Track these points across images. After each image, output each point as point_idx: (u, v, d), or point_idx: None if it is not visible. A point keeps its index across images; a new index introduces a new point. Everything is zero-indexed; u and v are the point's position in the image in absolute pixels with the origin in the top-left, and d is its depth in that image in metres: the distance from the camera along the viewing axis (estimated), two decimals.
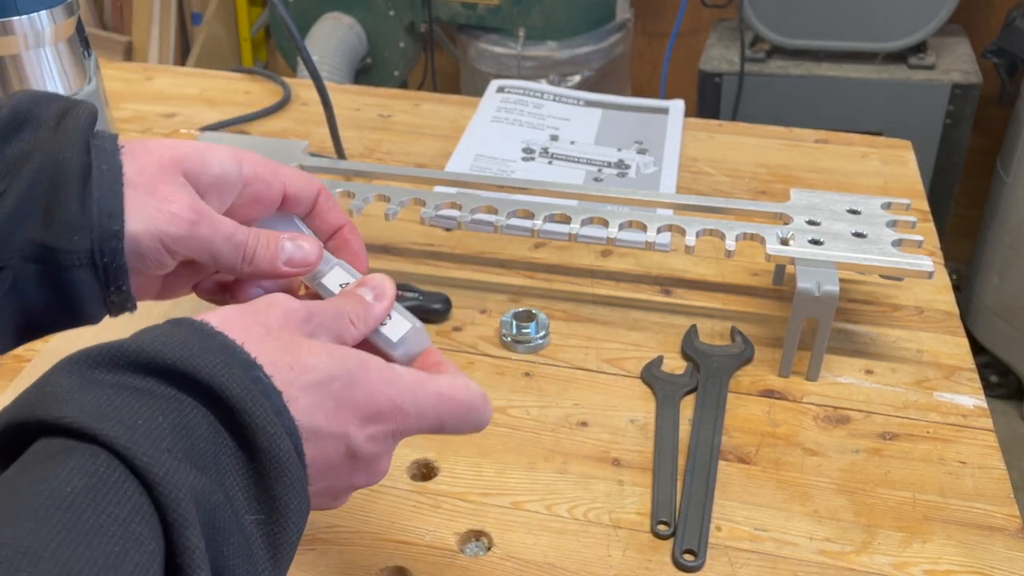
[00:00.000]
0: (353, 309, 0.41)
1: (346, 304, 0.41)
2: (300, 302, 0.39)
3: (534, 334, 0.68)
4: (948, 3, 1.65)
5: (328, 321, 0.39)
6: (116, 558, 0.27)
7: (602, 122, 1.00)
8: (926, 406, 0.64)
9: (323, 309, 0.40)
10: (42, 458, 0.29)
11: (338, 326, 0.40)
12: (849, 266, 0.64)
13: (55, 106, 0.41)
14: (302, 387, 0.35)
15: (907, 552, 0.53)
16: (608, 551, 0.53)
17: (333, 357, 0.37)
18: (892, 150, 0.97)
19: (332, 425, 0.36)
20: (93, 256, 0.40)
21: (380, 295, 0.43)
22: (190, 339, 0.33)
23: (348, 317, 0.41)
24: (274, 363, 0.35)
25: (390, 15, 2.03)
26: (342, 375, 0.37)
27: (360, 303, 0.42)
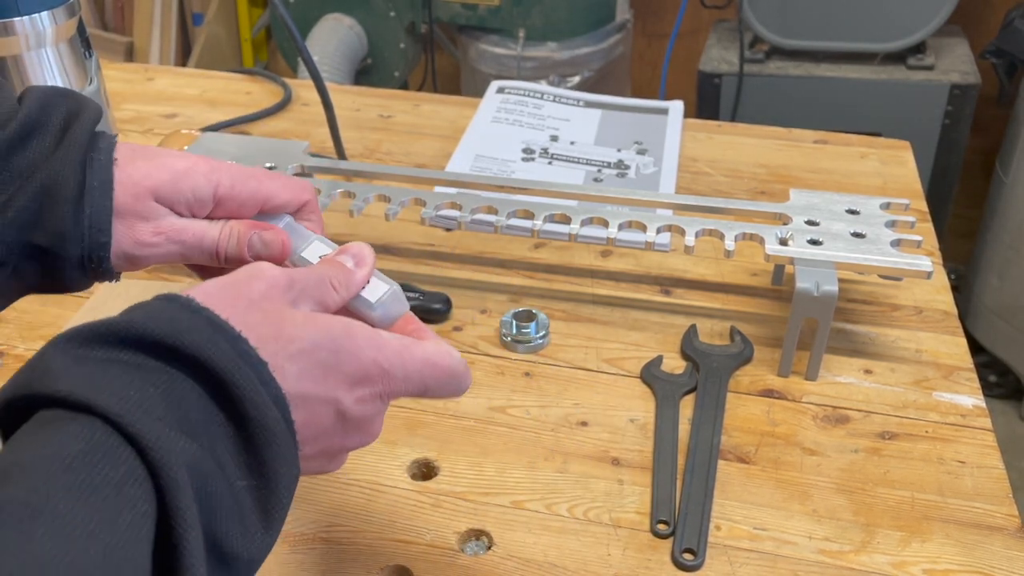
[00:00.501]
0: (335, 275, 0.42)
1: (328, 270, 0.42)
2: (282, 270, 0.40)
3: (534, 334, 0.68)
4: (947, 4, 1.65)
5: (311, 288, 0.40)
6: (110, 516, 0.28)
7: (602, 122, 1.00)
8: (925, 406, 0.64)
9: (305, 276, 0.41)
10: (41, 426, 0.31)
11: (320, 292, 0.41)
12: (848, 266, 0.64)
13: (62, 110, 0.45)
14: (288, 356, 0.36)
15: (906, 551, 0.54)
16: (608, 550, 0.54)
17: (318, 325, 0.38)
18: (891, 150, 0.97)
19: (320, 390, 0.37)
20: (83, 260, 0.45)
21: (360, 261, 0.44)
22: (177, 315, 0.35)
23: (330, 283, 0.42)
24: (259, 336, 0.36)
25: (390, 16, 2.03)
26: (327, 342, 0.38)
27: (341, 269, 0.43)
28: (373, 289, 0.45)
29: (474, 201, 0.72)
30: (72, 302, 0.73)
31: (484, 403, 0.64)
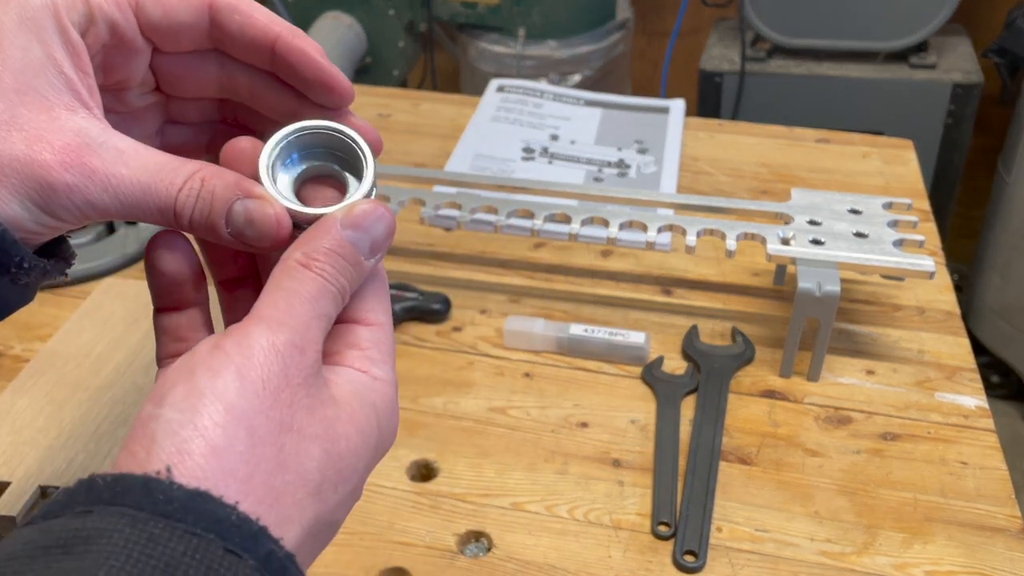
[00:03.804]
0: (343, 288, 0.31)
1: (336, 293, 0.31)
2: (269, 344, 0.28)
3: None
4: (949, 3, 1.65)
5: (315, 336, 0.30)
6: None
7: (602, 122, 1.00)
8: (927, 406, 0.64)
9: (317, 324, 0.29)
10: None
11: (319, 336, 0.30)
12: (850, 266, 0.64)
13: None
14: (344, 505, 0.30)
15: (908, 553, 0.53)
16: (608, 552, 0.53)
17: (363, 435, 0.30)
18: (893, 150, 0.96)
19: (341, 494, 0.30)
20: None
21: (376, 247, 0.32)
22: (170, 545, 0.23)
23: (337, 309, 0.31)
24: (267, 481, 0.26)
25: (390, 14, 2.02)
26: (372, 453, 0.31)
27: (353, 270, 0.31)
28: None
29: (474, 201, 0.72)
30: (69, 303, 0.72)
31: (484, 404, 0.64)
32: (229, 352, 0.27)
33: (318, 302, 0.30)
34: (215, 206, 0.31)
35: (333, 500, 0.29)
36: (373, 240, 0.32)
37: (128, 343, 0.61)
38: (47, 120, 0.29)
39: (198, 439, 0.25)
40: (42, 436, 0.53)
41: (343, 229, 0.31)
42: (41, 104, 0.30)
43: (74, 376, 0.58)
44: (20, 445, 0.52)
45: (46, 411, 0.55)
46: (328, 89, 0.34)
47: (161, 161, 0.31)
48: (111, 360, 0.60)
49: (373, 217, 0.32)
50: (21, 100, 0.29)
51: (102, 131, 0.30)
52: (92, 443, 0.52)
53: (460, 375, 0.66)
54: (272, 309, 0.29)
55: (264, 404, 0.27)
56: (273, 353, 0.28)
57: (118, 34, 0.32)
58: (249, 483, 0.26)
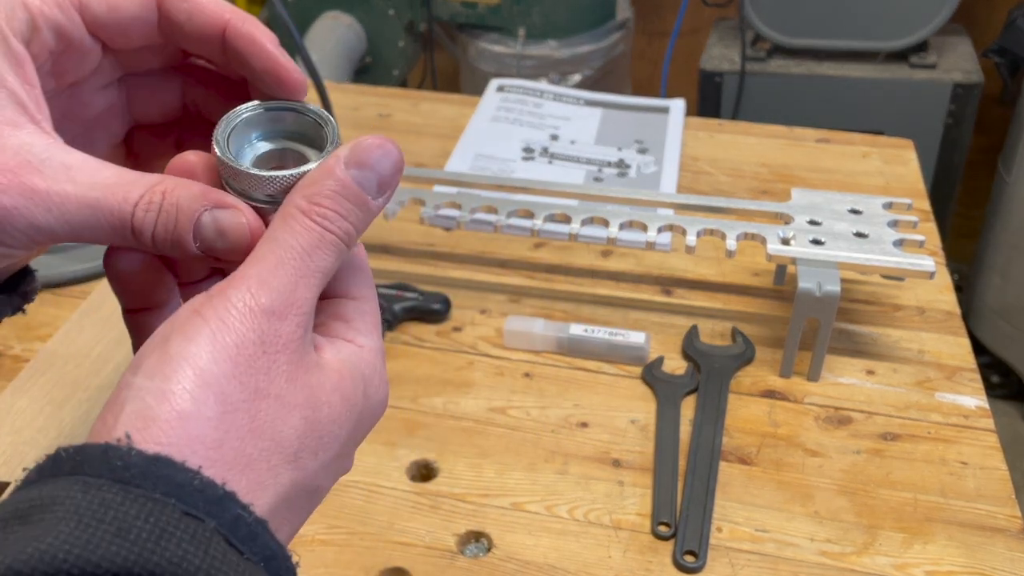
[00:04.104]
0: (348, 232, 0.29)
1: (339, 242, 0.29)
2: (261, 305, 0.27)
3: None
4: (949, 2, 1.65)
5: (305, 298, 0.28)
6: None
7: (602, 121, 1.00)
8: (927, 407, 0.63)
9: (312, 281, 0.28)
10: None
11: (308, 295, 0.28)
12: (850, 266, 0.64)
13: None
14: (325, 471, 0.29)
15: (908, 553, 0.53)
16: (608, 552, 0.53)
17: (348, 403, 0.29)
18: (893, 149, 0.96)
19: (322, 463, 0.29)
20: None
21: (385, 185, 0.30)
22: (126, 510, 0.23)
23: (340, 258, 0.29)
24: (239, 447, 0.25)
25: (389, 14, 2.02)
26: (357, 422, 0.30)
27: (360, 212, 0.29)
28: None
29: (474, 200, 0.71)
30: (69, 303, 0.72)
31: (484, 404, 0.64)
32: (206, 316, 0.26)
33: (312, 256, 0.28)
34: (180, 220, 0.29)
35: (312, 466, 0.28)
36: (380, 177, 0.29)
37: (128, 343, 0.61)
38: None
39: (164, 405, 0.24)
40: (42, 436, 0.53)
41: (347, 168, 0.29)
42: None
43: (74, 376, 0.58)
44: (20, 445, 0.52)
45: (46, 411, 0.55)
46: (277, 79, 0.32)
47: (115, 175, 0.29)
48: (111, 360, 0.60)
49: (379, 152, 0.29)
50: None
51: (47, 146, 0.28)
52: None
53: (460, 375, 0.66)
54: (257, 265, 0.27)
55: (238, 370, 0.26)
56: (251, 317, 0.26)
57: (65, 37, 0.31)
58: (218, 449, 0.25)
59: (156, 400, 0.25)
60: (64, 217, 0.28)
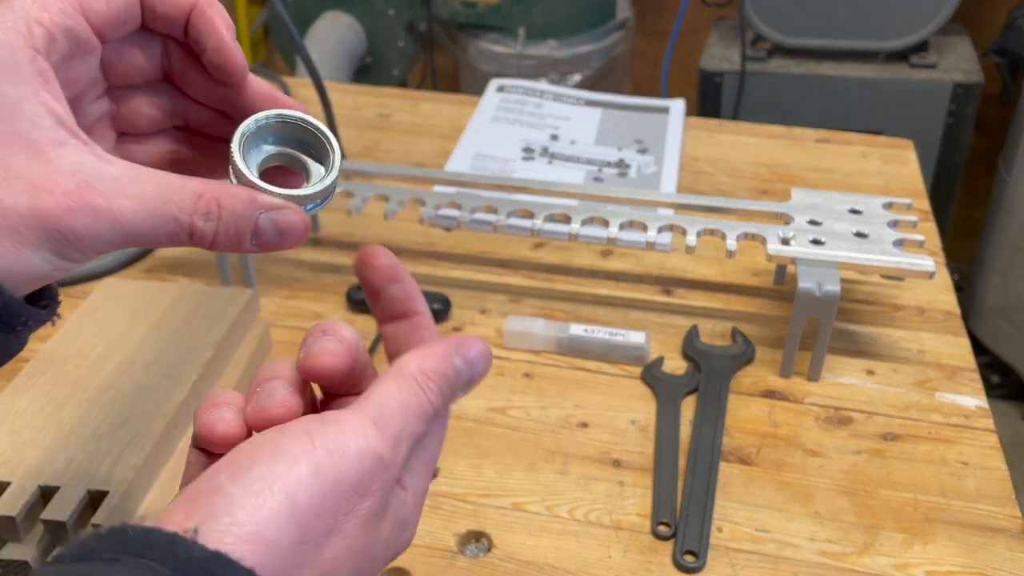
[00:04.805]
0: (438, 408, 0.32)
1: (432, 412, 0.32)
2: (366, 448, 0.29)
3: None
4: (949, 2, 1.65)
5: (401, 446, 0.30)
6: None
7: (602, 121, 1.00)
8: (928, 407, 0.63)
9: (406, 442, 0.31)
10: None
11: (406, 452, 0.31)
12: (850, 266, 0.64)
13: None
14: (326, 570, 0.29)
15: (909, 553, 0.53)
16: (609, 552, 0.53)
17: (389, 550, 0.31)
18: (893, 149, 0.96)
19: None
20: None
21: (474, 380, 0.34)
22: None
23: (419, 432, 0.32)
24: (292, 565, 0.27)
25: (389, 14, 2.02)
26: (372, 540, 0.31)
27: (452, 393, 0.33)
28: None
29: (474, 200, 0.71)
30: (67, 303, 0.72)
31: (484, 404, 0.64)
32: (316, 444, 0.28)
33: (418, 420, 0.31)
34: (240, 226, 0.32)
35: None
36: (472, 376, 0.33)
37: (128, 343, 0.61)
38: (40, 164, 0.29)
39: (247, 525, 0.26)
40: (42, 436, 0.53)
41: (456, 358, 0.33)
42: (30, 149, 0.29)
43: (74, 376, 0.58)
44: (20, 445, 0.52)
45: (46, 411, 0.55)
46: (223, 61, 0.34)
47: (161, 182, 0.31)
48: (111, 360, 0.60)
49: (483, 356, 0.33)
50: (10, 151, 0.29)
51: (94, 161, 0.30)
52: (92, 443, 0.52)
53: None
54: (378, 410, 0.30)
55: (326, 505, 0.28)
56: (359, 459, 0.28)
57: (75, 40, 0.32)
58: (278, 567, 0.26)
59: (245, 515, 0.26)
60: (125, 229, 0.30)
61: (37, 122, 0.30)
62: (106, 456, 0.52)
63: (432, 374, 0.32)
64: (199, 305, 0.64)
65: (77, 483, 0.49)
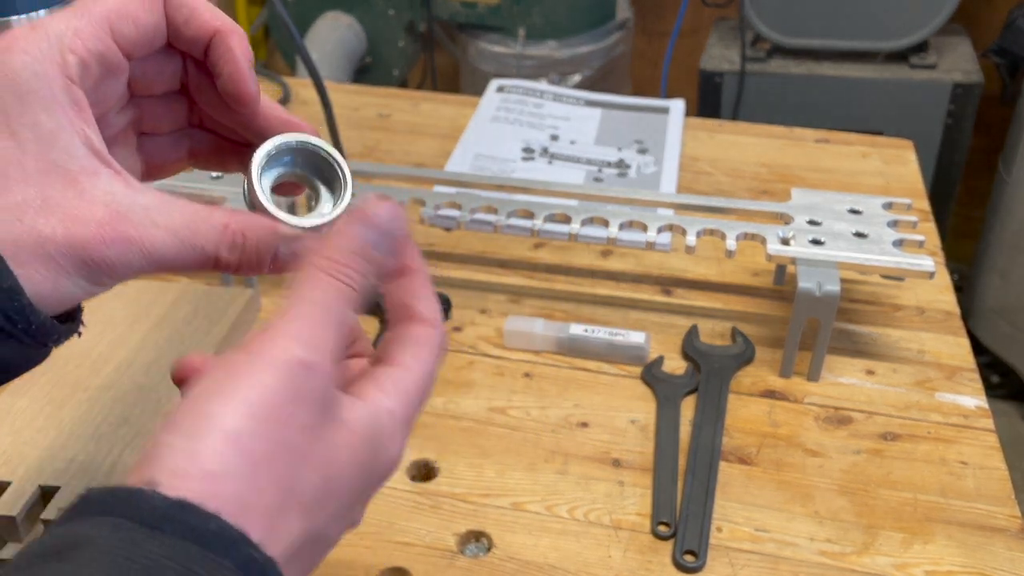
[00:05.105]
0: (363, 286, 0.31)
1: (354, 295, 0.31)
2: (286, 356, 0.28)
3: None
4: (949, 3, 1.65)
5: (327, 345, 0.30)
6: None
7: (602, 122, 1.00)
8: (927, 406, 0.64)
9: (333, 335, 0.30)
10: None
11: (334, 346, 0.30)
12: (850, 266, 0.64)
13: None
14: (336, 523, 0.31)
15: (908, 553, 0.53)
16: (608, 552, 0.53)
17: (360, 464, 0.31)
18: (893, 150, 0.96)
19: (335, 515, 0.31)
20: (2, 327, 0.30)
21: (392, 246, 0.33)
22: (149, 547, 0.24)
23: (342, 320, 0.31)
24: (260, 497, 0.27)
25: (389, 14, 2.02)
26: (368, 479, 0.31)
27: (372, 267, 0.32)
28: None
29: (474, 201, 0.72)
30: None
31: (484, 404, 0.64)
32: (240, 374, 0.28)
33: (334, 309, 0.30)
34: (262, 256, 0.34)
35: (322, 518, 0.30)
36: (385, 234, 0.32)
37: (128, 343, 0.61)
38: (76, 195, 0.31)
39: (193, 465, 0.26)
40: (42, 436, 0.53)
41: (362, 228, 0.32)
42: (65, 179, 0.31)
43: (74, 376, 0.58)
44: (20, 445, 0.52)
45: (46, 411, 0.55)
46: (235, 87, 0.35)
47: (188, 213, 0.32)
48: (111, 360, 0.60)
49: (390, 215, 0.32)
50: (47, 180, 0.30)
51: (126, 191, 0.32)
52: (92, 443, 0.52)
53: (460, 375, 0.66)
54: (289, 323, 0.29)
55: (263, 426, 0.28)
56: (284, 373, 0.28)
57: (106, 64, 0.33)
58: (238, 500, 0.27)
59: (186, 460, 0.26)
60: (154, 258, 0.32)
61: (72, 152, 0.31)
62: (106, 456, 0.52)
63: (338, 255, 0.31)
64: (200, 305, 0.64)
65: (77, 483, 0.49)
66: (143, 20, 0.34)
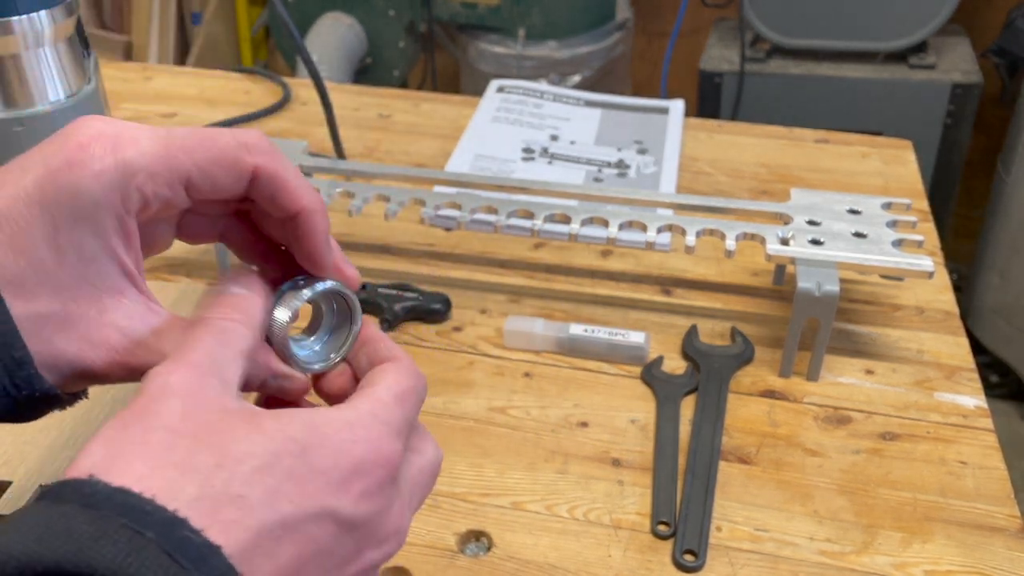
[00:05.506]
0: (224, 313, 0.33)
1: (214, 320, 0.33)
2: (183, 360, 0.31)
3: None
4: (948, 3, 1.65)
5: (225, 360, 0.31)
6: None
7: (602, 122, 1.00)
8: (927, 406, 0.64)
9: (208, 346, 0.31)
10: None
11: (233, 353, 0.32)
12: (849, 266, 0.64)
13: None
14: (244, 481, 0.28)
15: (907, 552, 0.53)
16: (608, 551, 0.53)
17: (266, 431, 0.29)
18: (892, 150, 0.97)
19: (303, 506, 0.29)
20: (6, 390, 0.32)
21: (248, 284, 0.35)
22: (77, 520, 0.25)
23: (231, 332, 0.32)
24: (199, 481, 0.27)
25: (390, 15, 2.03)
26: (288, 446, 0.29)
27: (228, 300, 0.34)
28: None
29: (474, 201, 0.72)
30: None
31: (484, 403, 0.64)
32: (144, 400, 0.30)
33: (199, 339, 0.32)
34: (252, 383, 0.35)
35: (286, 509, 0.29)
36: (233, 280, 0.35)
37: None
38: (96, 314, 0.33)
39: (109, 433, 0.28)
40: (42, 436, 0.53)
41: (227, 285, 0.34)
42: (91, 296, 0.33)
43: None
44: (21, 445, 0.52)
45: None
46: (309, 261, 0.36)
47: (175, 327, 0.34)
48: None
49: (244, 271, 0.35)
50: (73, 295, 0.32)
51: (144, 315, 0.34)
52: None
53: (460, 375, 0.66)
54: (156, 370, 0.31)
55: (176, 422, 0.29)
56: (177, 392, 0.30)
57: (168, 206, 0.34)
58: (176, 490, 0.27)
59: (115, 451, 0.28)
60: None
61: (105, 273, 0.33)
62: None
63: (211, 307, 0.33)
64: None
65: None
66: (223, 184, 0.34)
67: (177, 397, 0.29)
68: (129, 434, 0.28)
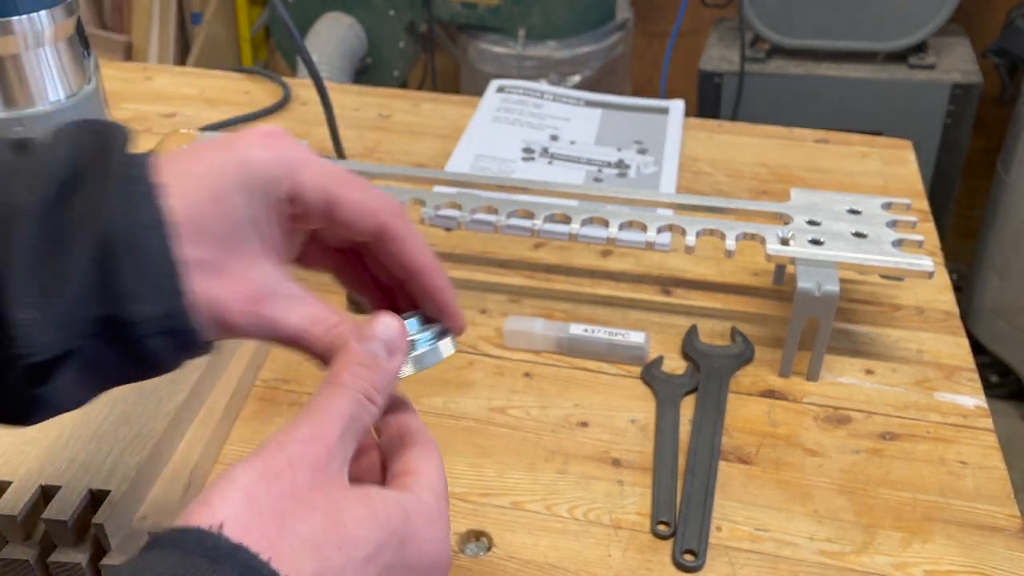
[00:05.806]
0: (369, 385, 0.36)
1: (358, 384, 0.36)
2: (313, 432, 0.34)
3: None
4: (948, 3, 1.65)
5: (350, 430, 0.35)
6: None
7: (602, 122, 1.00)
8: (927, 406, 0.64)
9: (337, 414, 0.35)
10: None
11: (360, 424, 0.35)
12: (849, 266, 0.64)
13: (93, 149, 0.37)
14: (356, 569, 0.32)
15: (907, 552, 0.53)
16: (608, 551, 0.53)
17: (377, 517, 0.33)
18: (892, 150, 0.97)
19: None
20: (163, 323, 0.35)
21: (393, 348, 0.38)
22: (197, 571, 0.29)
23: (365, 402, 0.36)
24: (320, 555, 0.31)
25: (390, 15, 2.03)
26: (391, 538, 0.33)
27: (374, 371, 0.37)
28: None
29: (474, 201, 0.72)
30: None
31: (484, 403, 0.64)
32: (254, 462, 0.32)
33: (329, 408, 0.35)
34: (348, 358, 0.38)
35: (337, 560, 0.32)
36: (386, 343, 0.37)
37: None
38: (245, 267, 0.37)
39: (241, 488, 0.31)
40: (43, 436, 0.53)
41: (358, 344, 0.37)
42: (240, 252, 0.37)
43: None
44: (21, 445, 0.52)
45: None
46: (436, 311, 0.43)
47: (312, 312, 0.38)
48: None
49: (380, 326, 0.38)
50: (227, 247, 0.37)
51: (278, 280, 0.38)
52: (92, 443, 0.52)
53: (460, 375, 0.67)
54: (294, 428, 0.34)
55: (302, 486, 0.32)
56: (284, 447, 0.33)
57: (308, 216, 0.39)
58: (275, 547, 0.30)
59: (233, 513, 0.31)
60: (270, 335, 0.38)
61: (250, 237, 0.38)
62: (107, 455, 0.52)
63: (340, 370, 0.36)
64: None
65: (78, 482, 0.50)
66: (355, 226, 0.39)
67: (309, 469, 0.32)
68: (268, 490, 0.31)
